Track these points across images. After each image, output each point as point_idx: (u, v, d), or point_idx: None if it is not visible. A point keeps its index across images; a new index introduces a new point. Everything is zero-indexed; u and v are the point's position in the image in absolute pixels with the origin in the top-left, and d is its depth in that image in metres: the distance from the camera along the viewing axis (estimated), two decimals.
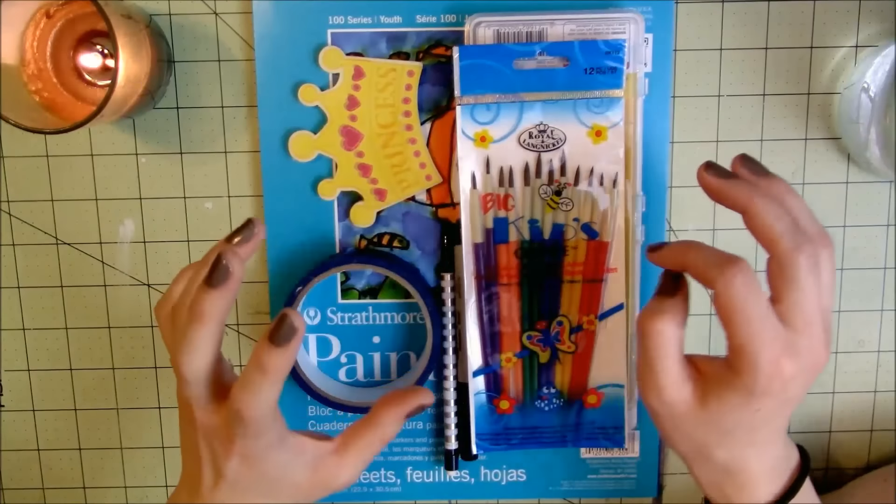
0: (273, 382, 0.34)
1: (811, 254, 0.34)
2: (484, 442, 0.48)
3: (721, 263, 0.33)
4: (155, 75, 0.43)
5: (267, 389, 0.34)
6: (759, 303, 0.33)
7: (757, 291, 0.33)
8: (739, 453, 0.37)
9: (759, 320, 0.33)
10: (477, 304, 0.46)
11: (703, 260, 0.34)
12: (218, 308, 0.35)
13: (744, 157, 0.37)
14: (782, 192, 0.36)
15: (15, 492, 0.52)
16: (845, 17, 0.46)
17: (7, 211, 0.49)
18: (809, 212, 0.36)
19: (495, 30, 0.44)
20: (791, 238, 0.34)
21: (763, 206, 0.34)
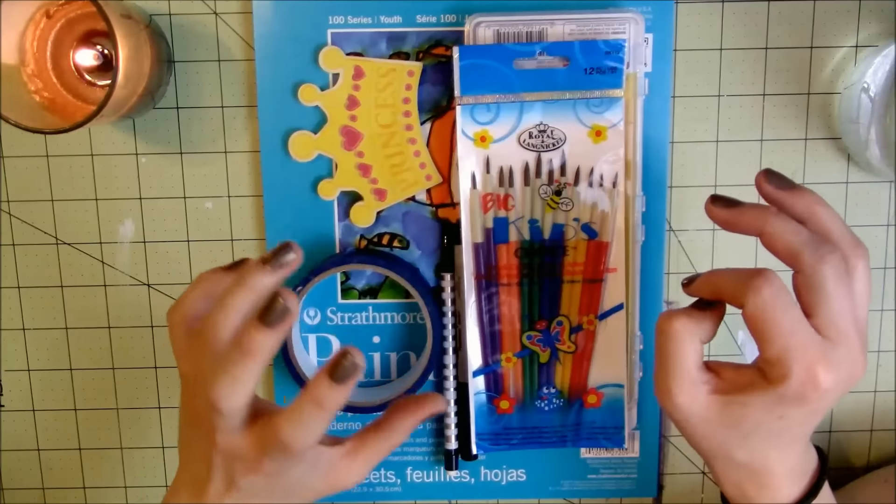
0: (328, 417, 0.34)
1: (835, 263, 0.34)
2: (484, 442, 0.48)
3: (748, 278, 0.33)
4: (155, 75, 0.43)
5: (321, 424, 0.34)
6: (790, 311, 0.33)
7: (787, 300, 0.33)
8: (761, 454, 0.36)
9: (792, 328, 0.33)
10: (477, 304, 0.46)
11: (730, 279, 0.34)
12: (270, 347, 0.34)
13: (768, 173, 0.37)
14: (810, 203, 0.36)
15: (15, 492, 0.52)
16: (845, 17, 0.46)
17: (7, 211, 0.49)
18: (841, 221, 0.35)
19: (495, 30, 0.44)
20: (812, 250, 0.34)
21: (777, 226, 0.34)
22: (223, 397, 0.34)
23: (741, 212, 0.36)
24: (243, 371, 0.34)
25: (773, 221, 0.34)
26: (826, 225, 0.35)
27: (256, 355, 0.34)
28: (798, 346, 0.33)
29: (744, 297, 0.33)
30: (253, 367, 0.34)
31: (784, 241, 0.34)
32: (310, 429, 0.34)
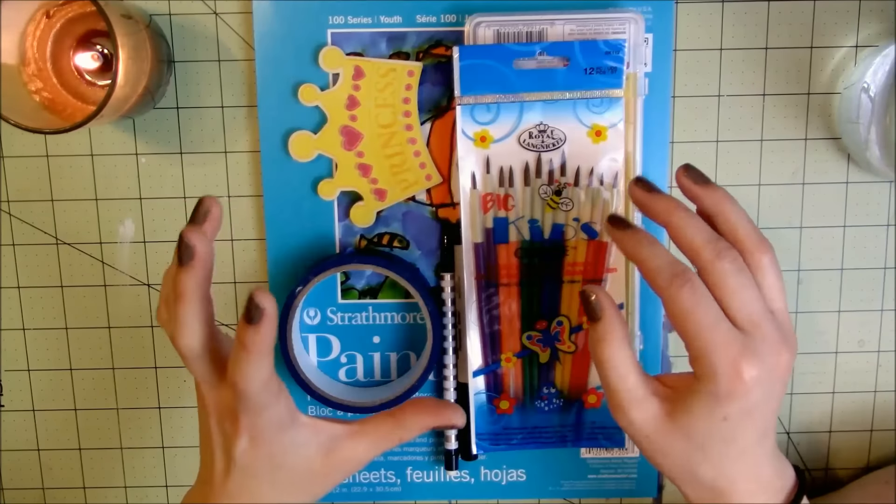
0: (256, 357, 0.35)
1: (731, 258, 0.35)
2: (484, 442, 0.48)
3: (669, 277, 0.35)
4: (155, 75, 0.43)
5: (253, 363, 0.35)
6: (709, 310, 0.34)
7: (705, 299, 0.35)
8: (723, 471, 0.37)
9: (711, 326, 0.34)
10: (477, 304, 0.46)
11: (653, 267, 0.36)
12: (193, 284, 0.36)
13: (686, 168, 0.38)
14: (719, 200, 0.37)
15: (15, 492, 0.52)
16: (845, 17, 0.46)
17: (7, 211, 0.49)
18: (747, 219, 0.37)
19: (495, 30, 0.44)
20: (711, 248, 0.35)
21: (682, 221, 0.36)
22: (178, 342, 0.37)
23: (655, 199, 0.37)
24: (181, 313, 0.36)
25: (678, 215, 0.36)
26: (732, 221, 0.37)
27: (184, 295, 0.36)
28: (718, 341, 0.34)
29: (663, 294, 0.35)
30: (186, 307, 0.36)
31: (686, 236, 0.36)
32: (245, 368, 0.36)
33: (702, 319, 0.34)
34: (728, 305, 0.35)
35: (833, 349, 0.50)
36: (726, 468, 0.37)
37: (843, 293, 0.49)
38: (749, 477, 0.37)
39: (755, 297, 0.35)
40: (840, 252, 0.49)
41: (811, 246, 0.49)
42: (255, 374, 0.36)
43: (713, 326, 0.34)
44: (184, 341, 0.37)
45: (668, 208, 0.37)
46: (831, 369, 0.50)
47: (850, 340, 0.50)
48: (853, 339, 0.50)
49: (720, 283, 0.35)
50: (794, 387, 0.50)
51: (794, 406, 0.51)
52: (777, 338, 0.36)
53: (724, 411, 0.35)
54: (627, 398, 0.37)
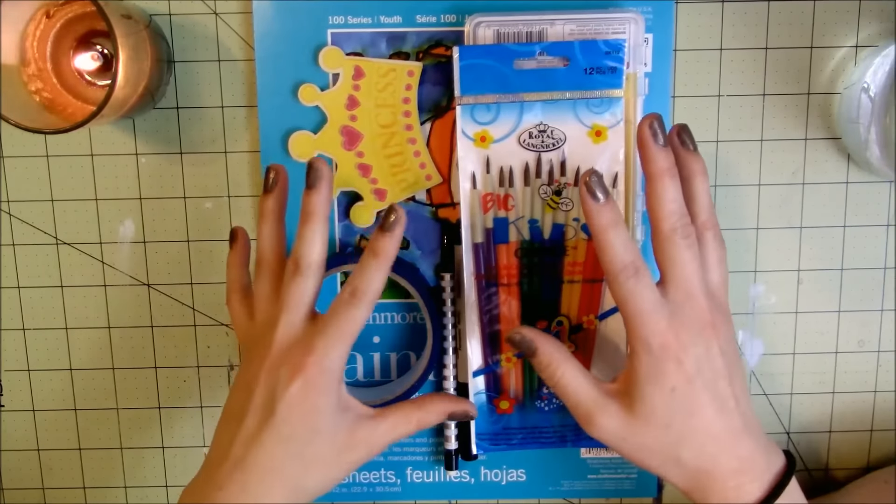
0: (384, 266, 0.40)
1: (687, 234, 0.38)
2: (484, 442, 0.48)
3: (620, 267, 0.38)
4: (155, 75, 0.43)
5: (380, 272, 0.40)
6: (646, 295, 0.38)
7: (646, 288, 0.38)
8: (702, 449, 0.38)
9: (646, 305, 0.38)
10: (477, 304, 0.46)
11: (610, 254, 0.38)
12: (323, 204, 0.40)
13: (681, 128, 0.40)
14: (694, 171, 0.40)
15: (15, 492, 0.52)
16: (845, 17, 0.46)
17: (7, 211, 0.49)
18: (708, 197, 0.40)
19: (495, 30, 0.44)
20: (676, 220, 0.38)
21: (665, 185, 0.38)
22: (302, 255, 0.39)
23: (655, 150, 0.39)
24: (309, 229, 0.40)
25: (664, 180, 0.38)
26: (698, 192, 0.40)
27: (315, 215, 0.40)
28: (651, 316, 0.37)
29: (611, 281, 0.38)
30: (316, 225, 0.39)
31: (660, 202, 0.38)
32: (372, 277, 0.39)
33: (640, 303, 0.38)
34: (667, 274, 0.38)
35: (833, 349, 0.50)
36: (703, 446, 0.38)
37: (843, 293, 0.49)
38: (730, 455, 0.38)
39: (695, 271, 0.38)
40: (840, 252, 0.49)
41: (811, 246, 0.49)
42: (381, 278, 0.40)
43: (649, 306, 0.37)
44: (309, 257, 0.39)
45: (660, 169, 0.38)
46: (831, 369, 0.50)
47: (850, 340, 0.50)
48: (853, 339, 0.50)
49: (669, 254, 0.38)
50: (794, 387, 0.50)
51: (794, 406, 0.51)
52: (706, 308, 0.38)
53: (669, 382, 0.38)
54: (589, 408, 0.39)
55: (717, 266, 0.40)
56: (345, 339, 0.39)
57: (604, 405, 0.39)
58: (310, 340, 0.38)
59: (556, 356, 0.40)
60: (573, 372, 0.40)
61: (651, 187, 0.39)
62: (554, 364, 0.40)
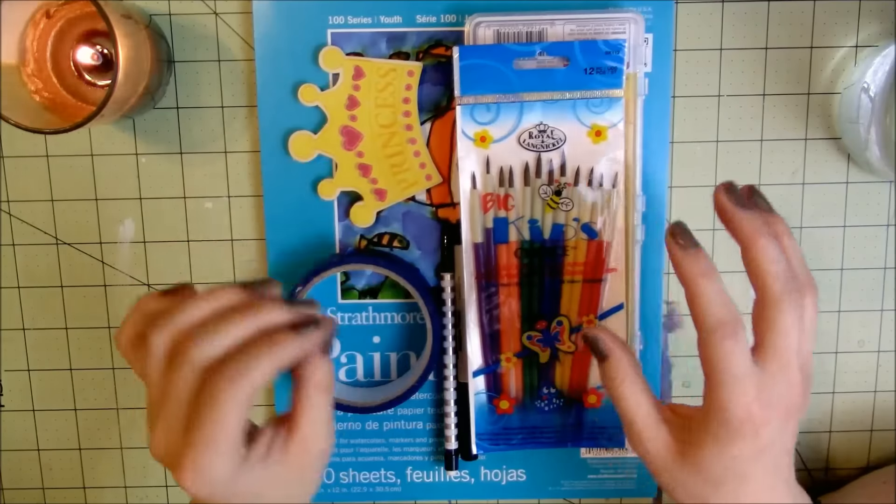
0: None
1: (797, 300, 0.34)
2: (484, 442, 0.48)
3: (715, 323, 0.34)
4: (155, 75, 0.43)
5: None
6: (741, 360, 0.34)
7: (741, 349, 0.34)
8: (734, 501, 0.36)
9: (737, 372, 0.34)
10: (477, 304, 0.46)
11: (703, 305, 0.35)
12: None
13: (753, 190, 0.37)
14: (781, 232, 0.36)
15: (15, 492, 0.52)
16: (845, 17, 0.46)
17: (7, 211, 0.49)
18: (801, 256, 0.36)
19: (495, 30, 0.44)
20: (783, 283, 0.34)
21: (765, 246, 0.35)
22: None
23: (745, 216, 0.35)
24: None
25: (763, 241, 0.35)
26: (789, 256, 0.36)
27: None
28: (737, 383, 0.34)
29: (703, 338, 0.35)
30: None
31: (762, 265, 0.35)
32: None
33: (732, 367, 0.34)
34: (765, 341, 0.35)
35: (833, 349, 0.50)
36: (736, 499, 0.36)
37: (843, 293, 0.49)
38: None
39: (796, 342, 0.35)
40: (840, 252, 0.49)
41: (811, 246, 0.49)
42: None
43: (742, 371, 0.34)
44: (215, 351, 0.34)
45: (753, 232, 0.35)
46: (831, 369, 0.50)
47: (850, 340, 0.50)
48: (853, 339, 0.50)
49: (773, 320, 0.34)
50: None
51: None
52: (798, 383, 0.35)
53: (735, 449, 0.35)
54: (639, 428, 0.37)
55: (813, 336, 0.36)
56: (218, 441, 0.33)
57: (654, 429, 0.37)
58: (181, 450, 0.33)
59: (624, 371, 0.38)
60: (634, 390, 0.38)
61: (746, 252, 0.35)
62: (619, 379, 0.38)
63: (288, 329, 0.35)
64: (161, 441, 0.34)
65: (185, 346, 0.33)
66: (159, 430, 0.34)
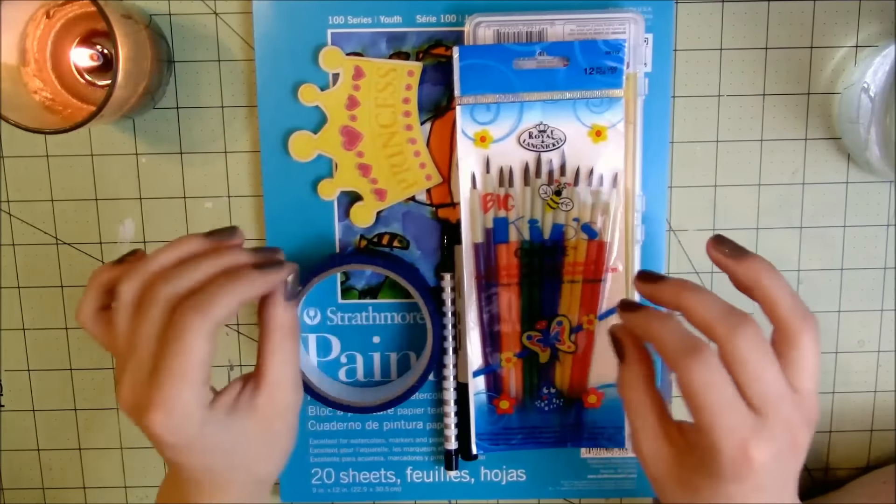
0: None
1: (750, 334, 0.33)
2: (484, 442, 0.48)
3: (681, 351, 0.33)
4: (155, 75, 0.43)
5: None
6: (722, 390, 0.32)
7: (718, 377, 0.32)
8: None
9: (721, 405, 0.32)
10: (477, 304, 0.46)
11: (666, 342, 0.34)
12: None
13: (717, 239, 0.37)
14: (756, 272, 0.35)
15: (15, 492, 0.52)
16: (845, 17, 0.46)
17: (7, 211, 0.49)
18: (789, 291, 0.35)
19: (495, 30, 0.44)
20: (725, 323, 0.33)
21: (692, 300, 0.34)
22: None
23: (660, 287, 0.36)
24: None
25: (686, 295, 0.34)
26: (772, 296, 0.34)
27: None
28: (727, 423, 0.32)
29: (677, 369, 0.33)
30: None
31: (698, 314, 0.34)
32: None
33: (711, 398, 0.32)
34: (743, 383, 0.33)
35: (833, 349, 0.50)
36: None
37: (843, 293, 0.49)
38: None
39: (774, 376, 0.33)
40: (840, 252, 0.49)
41: (811, 246, 0.49)
42: None
43: (723, 406, 0.32)
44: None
45: (675, 292, 0.35)
46: (831, 369, 0.50)
47: (850, 340, 0.50)
48: (853, 339, 0.50)
49: (735, 360, 0.33)
50: None
51: None
52: (795, 419, 0.33)
53: (729, 490, 0.34)
54: (640, 439, 0.36)
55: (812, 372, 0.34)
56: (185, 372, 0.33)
57: (657, 449, 0.36)
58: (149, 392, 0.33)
59: (637, 377, 0.37)
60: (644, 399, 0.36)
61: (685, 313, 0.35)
62: (630, 384, 0.37)
63: (251, 267, 0.35)
64: (128, 390, 0.33)
65: (152, 287, 0.34)
66: (126, 380, 0.33)
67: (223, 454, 0.35)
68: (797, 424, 0.33)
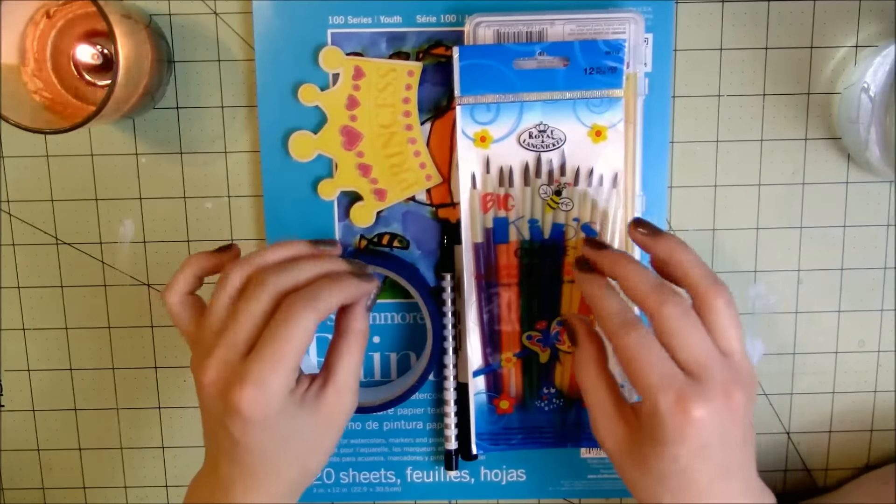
0: None
1: (676, 302, 0.36)
2: (484, 442, 0.48)
3: (618, 324, 0.36)
4: (155, 75, 0.43)
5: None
6: (652, 355, 0.35)
7: (650, 345, 0.36)
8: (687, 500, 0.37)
9: (655, 370, 0.35)
10: (477, 304, 0.46)
11: (604, 314, 0.37)
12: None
13: (636, 222, 0.40)
14: (669, 247, 0.38)
15: (15, 492, 0.52)
16: (845, 17, 0.46)
17: (7, 211, 0.49)
18: (698, 262, 0.38)
19: (495, 30, 0.44)
20: (655, 295, 0.36)
21: (626, 270, 0.38)
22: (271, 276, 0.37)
23: (602, 254, 0.39)
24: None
25: (622, 265, 0.38)
26: (684, 267, 0.38)
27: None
28: (662, 384, 0.35)
29: (612, 340, 0.37)
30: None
31: (630, 286, 0.37)
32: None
33: (645, 364, 0.35)
34: (674, 349, 0.36)
35: (833, 349, 0.50)
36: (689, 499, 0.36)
37: (843, 293, 0.49)
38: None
39: (700, 339, 0.36)
40: (840, 252, 0.49)
41: (811, 246, 0.49)
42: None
43: (656, 370, 0.35)
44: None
45: (612, 260, 0.38)
46: (831, 369, 0.50)
47: (850, 340, 0.50)
48: (853, 339, 0.50)
49: (665, 329, 0.36)
50: (794, 387, 0.50)
51: (794, 406, 0.51)
52: (727, 378, 0.36)
53: (673, 452, 0.35)
54: (597, 420, 0.39)
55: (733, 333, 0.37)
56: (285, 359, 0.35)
57: (613, 428, 0.38)
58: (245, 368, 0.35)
59: (591, 359, 0.39)
60: (599, 381, 0.39)
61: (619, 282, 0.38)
62: (585, 365, 0.39)
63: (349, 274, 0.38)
64: (219, 366, 0.36)
65: (263, 275, 0.37)
66: (217, 357, 0.36)
67: (282, 442, 0.37)
68: (730, 384, 0.36)
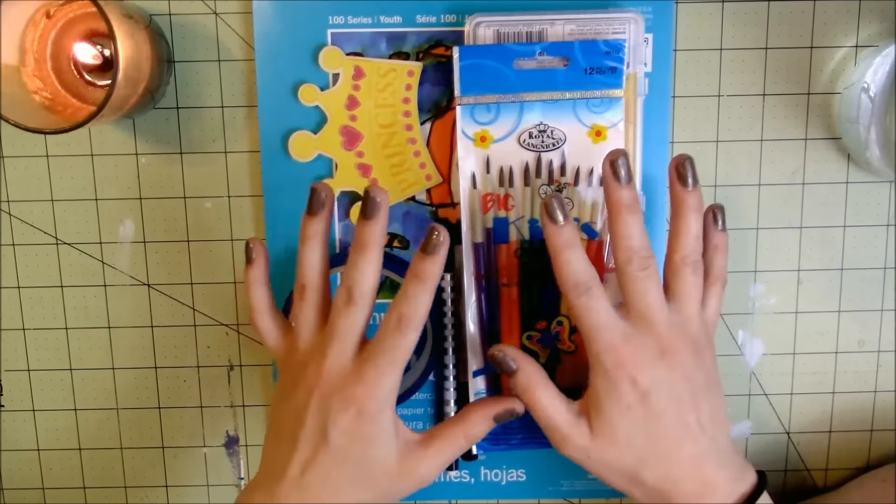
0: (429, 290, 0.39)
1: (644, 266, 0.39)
2: (484, 442, 0.48)
3: (573, 284, 0.39)
4: (155, 75, 0.43)
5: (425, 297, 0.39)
6: (601, 311, 0.39)
7: (600, 304, 0.39)
8: (664, 473, 0.39)
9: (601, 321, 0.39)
10: (477, 304, 0.46)
11: (563, 272, 0.39)
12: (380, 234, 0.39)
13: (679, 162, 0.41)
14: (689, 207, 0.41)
15: (15, 492, 0.52)
16: (845, 17, 0.46)
17: (7, 211, 0.49)
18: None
19: (495, 30, 0.44)
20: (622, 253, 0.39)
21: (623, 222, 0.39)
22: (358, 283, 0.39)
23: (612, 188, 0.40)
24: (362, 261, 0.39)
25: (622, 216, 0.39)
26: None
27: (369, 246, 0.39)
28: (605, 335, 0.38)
29: (568, 300, 0.39)
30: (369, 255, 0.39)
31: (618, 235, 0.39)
32: (418, 302, 0.38)
33: (593, 318, 0.38)
34: (629, 303, 0.39)
35: (833, 349, 0.50)
36: (666, 470, 0.38)
37: (843, 293, 0.49)
38: (693, 479, 0.38)
39: (655, 300, 0.39)
40: (840, 252, 0.49)
41: (811, 246, 0.49)
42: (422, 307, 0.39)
43: (603, 322, 0.38)
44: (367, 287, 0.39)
45: (618, 205, 0.39)
46: (831, 369, 0.50)
47: (850, 340, 0.50)
48: (853, 339, 0.50)
49: (625, 286, 0.39)
50: (795, 387, 0.50)
51: (794, 406, 0.51)
52: (672, 334, 0.39)
53: (624, 400, 0.38)
54: (561, 430, 0.40)
55: (689, 299, 0.40)
56: (395, 366, 0.38)
57: (576, 425, 0.40)
58: (360, 370, 0.38)
59: (535, 378, 0.41)
60: (549, 394, 0.40)
61: (610, 224, 0.40)
62: (532, 387, 0.40)
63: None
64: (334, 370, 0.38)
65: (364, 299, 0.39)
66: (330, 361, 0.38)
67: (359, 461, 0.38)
68: (674, 338, 0.39)
